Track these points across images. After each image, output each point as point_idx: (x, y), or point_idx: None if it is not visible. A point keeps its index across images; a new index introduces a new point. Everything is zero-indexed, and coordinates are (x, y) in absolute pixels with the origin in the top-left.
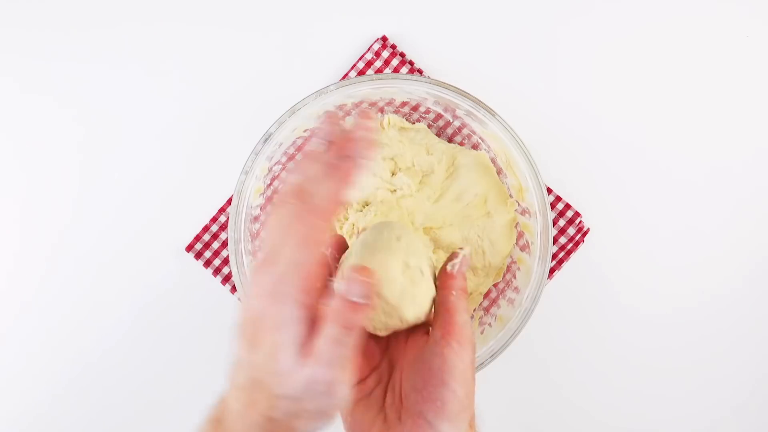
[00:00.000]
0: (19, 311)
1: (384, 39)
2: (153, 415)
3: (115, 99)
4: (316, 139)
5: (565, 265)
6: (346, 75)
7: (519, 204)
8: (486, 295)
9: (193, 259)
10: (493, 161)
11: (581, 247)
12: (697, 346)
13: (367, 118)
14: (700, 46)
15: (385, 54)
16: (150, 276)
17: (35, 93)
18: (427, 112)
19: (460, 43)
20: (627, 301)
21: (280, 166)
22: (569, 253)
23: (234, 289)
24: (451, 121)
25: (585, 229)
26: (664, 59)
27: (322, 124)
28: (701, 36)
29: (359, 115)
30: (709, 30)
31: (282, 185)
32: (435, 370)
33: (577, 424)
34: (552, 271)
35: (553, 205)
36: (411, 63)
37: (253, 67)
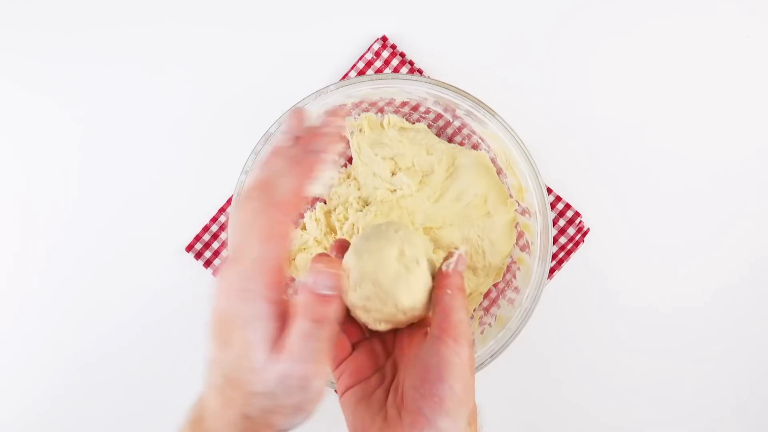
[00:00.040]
0: (19, 311)
1: (384, 39)
2: (153, 415)
3: (114, 99)
4: (282, 135)
5: (565, 265)
6: (346, 75)
7: (519, 204)
8: (486, 295)
9: (193, 259)
10: (493, 161)
11: (581, 247)
12: (697, 346)
13: (336, 115)
14: (700, 46)
15: (385, 54)
16: (150, 276)
17: (35, 93)
18: (427, 112)
19: (460, 43)
20: (627, 300)
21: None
22: (569, 253)
23: None
24: (451, 121)
25: (585, 229)
26: (664, 59)
27: (289, 119)
28: (701, 36)
29: (328, 112)
30: (709, 30)
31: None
32: (432, 367)
33: (577, 424)
34: (552, 271)
35: (553, 205)
36: (411, 63)
37: (254, 67)
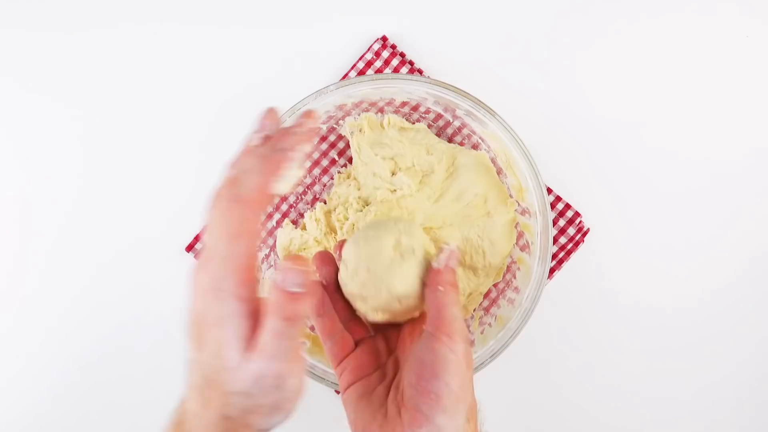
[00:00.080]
0: (19, 311)
1: (384, 39)
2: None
3: (114, 99)
4: (253, 134)
5: (565, 265)
6: (346, 75)
7: (519, 204)
8: (486, 295)
9: (194, 259)
10: (493, 161)
11: (581, 247)
12: (697, 346)
13: (308, 117)
14: (700, 46)
15: (385, 54)
16: (150, 276)
17: (35, 93)
18: (427, 112)
19: (460, 43)
20: (626, 300)
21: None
22: (569, 253)
23: None
24: (451, 121)
25: (585, 229)
26: (664, 59)
27: (261, 119)
28: (701, 36)
29: (302, 114)
30: (709, 30)
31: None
32: (427, 364)
33: (578, 424)
34: (552, 271)
35: (553, 205)
36: (411, 63)
37: (253, 67)
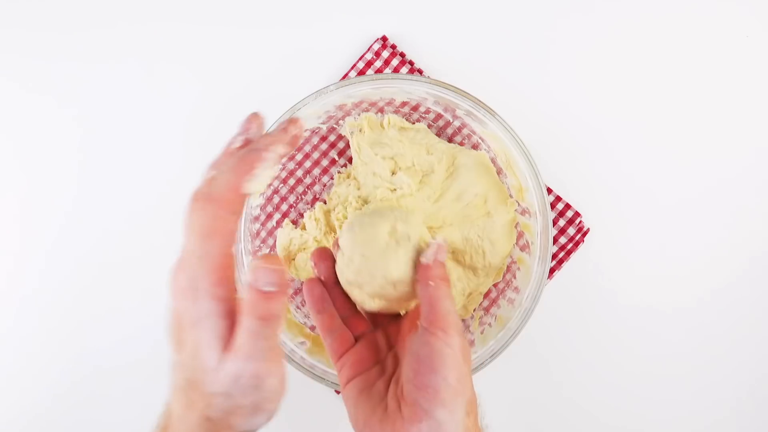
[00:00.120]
0: (19, 311)
1: (384, 39)
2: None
3: (114, 99)
4: (236, 137)
5: (565, 265)
6: (346, 75)
7: (519, 204)
8: (486, 295)
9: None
10: (493, 161)
11: (581, 247)
12: (697, 346)
13: (292, 123)
14: (700, 45)
15: (385, 54)
16: (150, 275)
17: (35, 93)
18: (427, 112)
19: (460, 42)
20: (626, 300)
21: (280, 166)
22: (569, 253)
23: None
24: (451, 121)
25: (585, 229)
26: (664, 59)
27: (244, 122)
28: (701, 36)
29: (287, 120)
30: (709, 30)
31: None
32: (424, 359)
33: (578, 424)
34: (552, 271)
35: (553, 205)
36: (411, 63)
37: (253, 67)
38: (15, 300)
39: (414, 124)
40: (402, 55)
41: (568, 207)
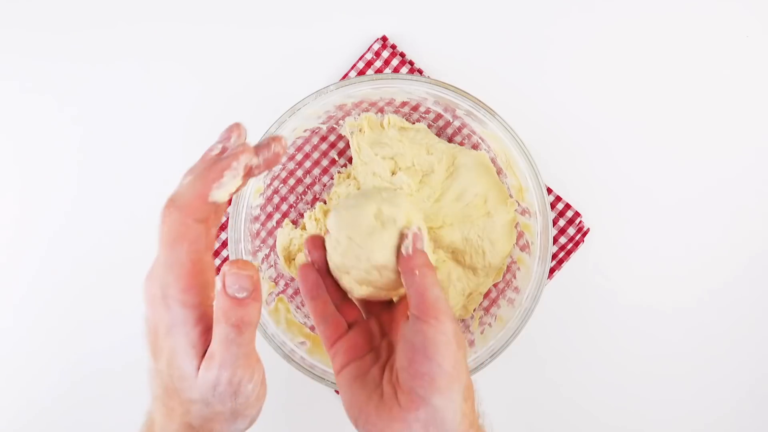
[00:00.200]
0: (17, 311)
1: (384, 39)
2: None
3: (114, 99)
4: (215, 144)
5: (565, 265)
6: (346, 75)
7: (519, 204)
8: (486, 295)
9: None
10: (493, 161)
11: (581, 247)
12: (697, 346)
13: (274, 140)
14: (700, 45)
15: (385, 54)
16: None
17: (35, 93)
18: (427, 112)
19: (460, 42)
20: (626, 300)
21: (281, 166)
22: (569, 253)
23: None
24: (451, 121)
25: (585, 229)
26: (664, 59)
27: (225, 132)
28: (701, 36)
29: (270, 137)
30: (709, 30)
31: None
32: (418, 347)
33: (578, 424)
34: (552, 271)
35: (553, 205)
36: (411, 63)
37: (253, 67)
38: (13, 301)
39: (414, 124)
40: (402, 55)
41: (568, 207)
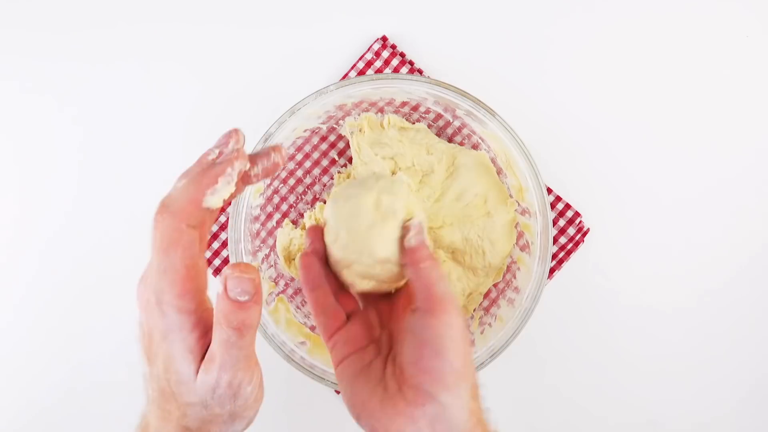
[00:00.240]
0: (17, 311)
1: (384, 39)
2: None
3: (114, 99)
4: (211, 149)
5: (565, 265)
6: (346, 75)
7: (519, 204)
8: (486, 295)
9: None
10: (493, 161)
11: (581, 247)
12: (697, 346)
13: (275, 150)
14: (700, 46)
15: (385, 54)
16: None
17: (35, 93)
18: (427, 112)
19: (460, 42)
20: (626, 300)
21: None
22: (569, 253)
23: None
24: (451, 121)
25: (585, 229)
26: (664, 59)
27: (222, 137)
28: (701, 36)
29: (270, 146)
30: (709, 30)
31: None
32: (427, 342)
33: (578, 424)
34: (552, 271)
35: (553, 205)
36: (411, 63)
37: (253, 67)
38: (13, 301)
39: (414, 124)
40: (402, 55)
41: (568, 207)
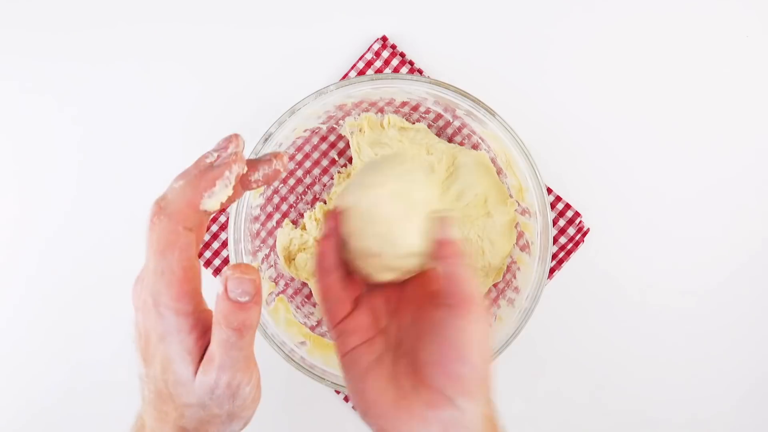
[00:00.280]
0: (17, 311)
1: (384, 39)
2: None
3: (114, 99)
4: (209, 152)
5: (565, 265)
6: (346, 75)
7: (519, 204)
8: (486, 295)
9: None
10: (493, 161)
11: (581, 247)
12: (697, 346)
13: (277, 157)
14: (700, 46)
15: (385, 54)
16: None
17: (35, 93)
18: (427, 112)
19: (460, 42)
20: (627, 300)
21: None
22: (569, 253)
23: None
24: (451, 121)
25: (585, 229)
26: (664, 59)
27: (222, 141)
28: (701, 36)
29: (271, 153)
30: (709, 30)
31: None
32: (452, 342)
33: (578, 423)
34: (552, 271)
35: (553, 205)
36: (411, 63)
37: (253, 67)
38: (14, 299)
39: (414, 124)
40: (402, 55)
41: (568, 207)
